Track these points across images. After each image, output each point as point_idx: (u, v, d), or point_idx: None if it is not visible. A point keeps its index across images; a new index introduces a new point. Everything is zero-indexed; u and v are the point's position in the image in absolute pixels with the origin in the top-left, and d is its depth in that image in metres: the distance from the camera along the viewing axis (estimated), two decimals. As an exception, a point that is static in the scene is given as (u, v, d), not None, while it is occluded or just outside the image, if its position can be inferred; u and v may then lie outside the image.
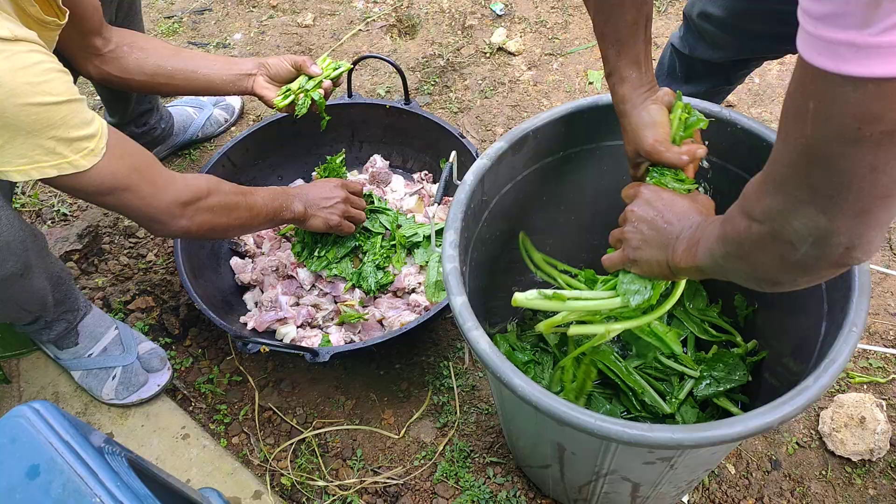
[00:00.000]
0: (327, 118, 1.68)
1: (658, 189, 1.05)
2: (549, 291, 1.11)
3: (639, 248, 1.01)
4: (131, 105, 1.86)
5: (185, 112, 2.08)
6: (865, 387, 1.60)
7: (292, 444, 1.59)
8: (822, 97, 0.59)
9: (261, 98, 1.61)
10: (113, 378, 1.58)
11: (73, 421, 0.92)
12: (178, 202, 1.27)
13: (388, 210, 1.79)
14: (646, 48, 1.09)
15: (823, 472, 1.51)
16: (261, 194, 1.46)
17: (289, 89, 1.59)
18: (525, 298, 1.11)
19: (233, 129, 2.18)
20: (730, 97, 2.06)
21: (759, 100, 2.17)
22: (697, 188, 1.08)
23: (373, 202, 1.79)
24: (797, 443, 1.54)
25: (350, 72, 1.84)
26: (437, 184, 1.88)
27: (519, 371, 0.98)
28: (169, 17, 2.51)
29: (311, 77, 1.60)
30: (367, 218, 1.75)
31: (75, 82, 1.53)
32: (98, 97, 2.14)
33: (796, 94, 0.64)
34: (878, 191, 0.63)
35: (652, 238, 1.00)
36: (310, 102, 1.60)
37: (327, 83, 1.61)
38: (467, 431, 1.60)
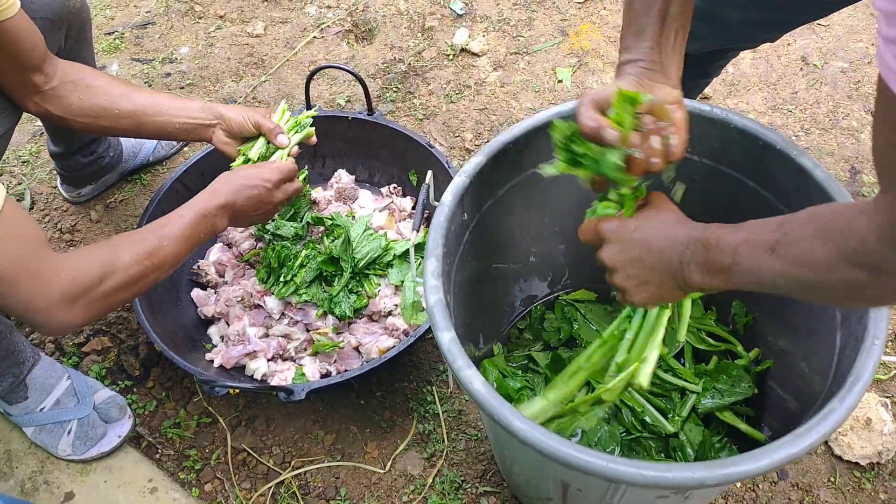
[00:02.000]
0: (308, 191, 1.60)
1: (616, 223, 0.95)
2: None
3: (641, 291, 0.93)
4: (77, 134, 1.72)
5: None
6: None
7: (270, 487, 1.48)
8: None
9: (222, 153, 1.49)
10: (69, 433, 1.45)
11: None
12: (64, 299, 1.06)
13: (339, 224, 1.70)
14: (657, 23, 0.97)
15: (832, 479, 1.44)
16: (172, 241, 1.23)
17: (248, 158, 1.46)
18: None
19: (186, 150, 2.05)
20: (705, 89, 2.00)
21: (735, 90, 2.11)
22: (635, 191, 0.97)
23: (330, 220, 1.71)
24: (802, 449, 1.48)
25: (307, 84, 1.74)
26: (411, 198, 1.79)
27: (518, 412, 0.90)
28: (109, 34, 2.36)
29: (274, 144, 1.48)
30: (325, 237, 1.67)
31: (19, 118, 1.40)
32: (40, 123, 2.00)
33: None
34: None
35: (651, 277, 0.91)
36: None
37: (294, 150, 1.49)
38: (457, 460, 1.51)
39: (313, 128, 1.57)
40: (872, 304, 0.74)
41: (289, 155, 1.49)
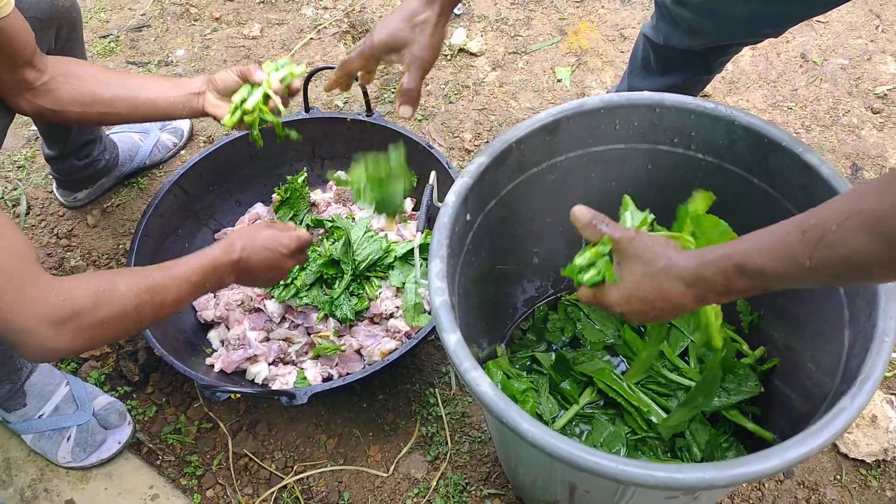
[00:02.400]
0: (285, 132, 1.51)
1: (612, 295, 0.92)
2: None
3: (657, 318, 0.91)
4: (71, 136, 1.70)
5: (131, 139, 1.93)
6: (873, 383, 1.54)
7: (273, 492, 1.47)
8: None
9: (214, 117, 1.45)
10: (68, 439, 1.44)
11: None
12: (50, 320, 0.99)
13: (339, 227, 1.68)
14: None
15: (838, 477, 1.43)
16: (177, 284, 1.16)
17: (235, 105, 1.40)
18: None
19: (183, 153, 2.04)
20: (705, 87, 1.99)
21: (735, 88, 2.10)
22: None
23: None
24: (808, 448, 1.47)
25: (305, 85, 1.72)
26: (412, 199, 1.77)
27: (526, 414, 0.88)
28: (104, 37, 2.35)
29: (255, 84, 1.41)
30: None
31: (11, 120, 1.39)
32: (35, 128, 1.98)
33: None
34: None
35: (668, 315, 0.89)
36: (258, 122, 1.44)
37: (276, 85, 1.42)
38: (461, 462, 1.49)
39: (299, 68, 1.48)
40: None
41: (272, 90, 1.42)
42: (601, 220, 0.93)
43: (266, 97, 1.40)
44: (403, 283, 1.60)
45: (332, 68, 1.66)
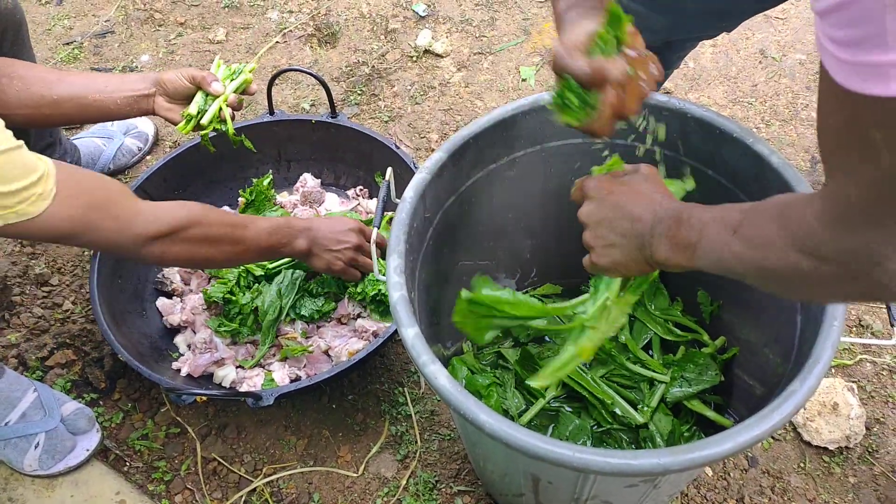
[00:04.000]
0: (239, 139, 1.52)
1: (604, 179, 0.93)
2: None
3: (606, 254, 0.92)
4: (30, 141, 1.67)
5: (93, 144, 1.91)
6: (834, 370, 1.56)
7: (242, 495, 1.46)
8: (890, 123, 0.53)
9: (166, 120, 1.46)
10: (35, 447, 1.42)
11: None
12: (146, 236, 1.18)
13: None
14: None
15: (801, 465, 1.46)
16: (257, 228, 1.34)
17: (190, 116, 1.42)
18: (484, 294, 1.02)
19: (148, 157, 2.02)
20: (666, 84, 2.02)
21: (696, 84, 2.13)
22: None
23: None
24: (772, 436, 1.49)
25: (269, 87, 1.72)
26: (376, 201, 1.78)
27: (484, 406, 0.89)
28: (68, 44, 2.33)
29: (210, 94, 1.44)
30: None
31: None
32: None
33: (850, 128, 0.57)
34: None
35: (618, 241, 0.90)
36: (212, 131, 1.44)
37: (232, 98, 1.45)
38: (430, 461, 1.50)
39: (251, 74, 1.51)
40: (819, 297, 0.74)
41: (227, 104, 1.45)
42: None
43: (220, 106, 1.42)
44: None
45: (298, 70, 1.68)
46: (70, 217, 1.08)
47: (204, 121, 1.41)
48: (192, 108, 1.41)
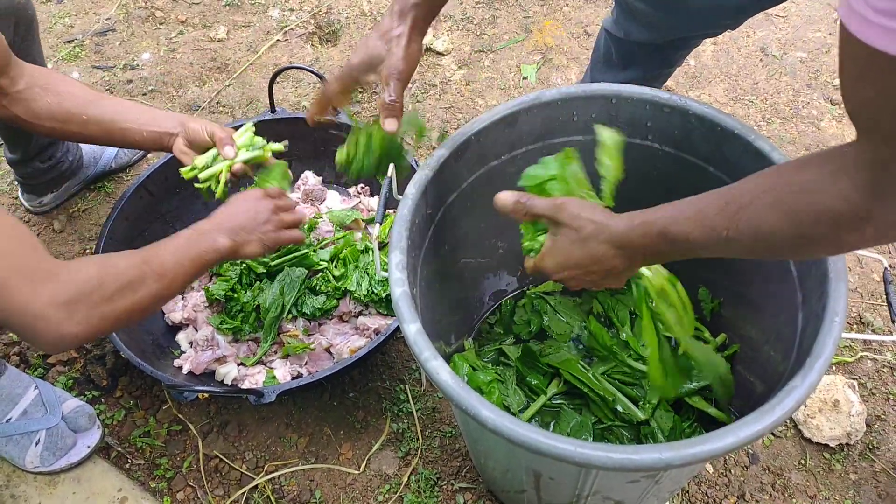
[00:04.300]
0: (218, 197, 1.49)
1: (558, 265, 0.97)
2: None
3: (598, 281, 0.95)
4: (33, 139, 1.69)
5: (95, 142, 1.91)
6: (834, 367, 1.57)
7: (244, 493, 1.46)
8: None
9: (178, 159, 1.46)
10: (36, 444, 1.42)
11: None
12: (62, 302, 0.98)
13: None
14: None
15: (802, 462, 1.46)
16: (168, 250, 1.18)
17: (194, 165, 1.42)
18: None
19: (150, 156, 2.03)
20: (668, 82, 2.02)
21: (697, 83, 2.13)
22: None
23: None
24: (772, 433, 1.49)
25: (271, 85, 1.72)
26: (378, 199, 1.78)
27: (485, 401, 0.89)
28: (69, 41, 2.33)
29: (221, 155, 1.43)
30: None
31: None
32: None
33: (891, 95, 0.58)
34: None
35: (599, 272, 0.94)
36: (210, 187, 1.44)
37: (238, 167, 1.43)
38: (432, 458, 1.50)
39: (270, 153, 1.50)
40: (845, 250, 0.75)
41: (230, 170, 1.43)
42: (525, 199, 0.97)
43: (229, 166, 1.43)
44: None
45: (299, 68, 1.68)
46: None
47: (202, 176, 1.42)
48: (200, 161, 1.42)
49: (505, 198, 0.99)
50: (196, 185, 1.43)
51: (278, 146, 1.51)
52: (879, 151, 0.64)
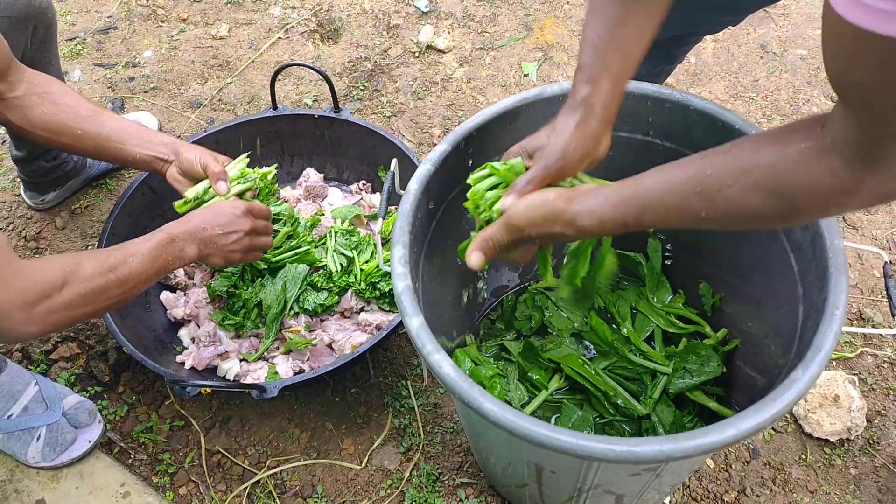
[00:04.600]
0: None
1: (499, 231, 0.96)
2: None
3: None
4: (39, 139, 1.70)
5: (98, 140, 1.92)
6: (835, 363, 1.57)
7: (246, 487, 1.47)
8: None
9: (172, 187, 1.46)
10: (38, 439, 1.43)
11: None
12: (22, 302, 1.02)
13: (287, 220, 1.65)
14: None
15: (803, 457, 1.46)
16: (138, 258, 1.20)
17: (187, 200, 1.43)
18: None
19: (151, 153, 2.03)
20: (668, 79, 2.02)
21: (698, 80, 2.14)
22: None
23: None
24: (773, 428, 1.50)
25: (273, 83, 1.73)
26: (380, 195, 1.78)
27: (488, 394, 0.90)
28: (71, 39, 2.34)
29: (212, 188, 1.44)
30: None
31: None
32: (3, 131, 1.97)
33: (883, 75, 0.58)
34: None
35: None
36: None
37: (231, 199, 1.44)
38: (433, 453, 1.50)
39: (261, 183, 1.52)
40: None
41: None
42: (485, 241, 0.96)
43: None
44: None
45: (300, 65, 1.69)
46: None
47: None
48: (190, 194, 1.43)
49: (475, 258, 0.96)
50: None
51: (269, 169, 1.52)
52: (870, 129, 0.64)
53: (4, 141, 2.03)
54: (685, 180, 0.80)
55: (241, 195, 1.46)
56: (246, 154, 1.53)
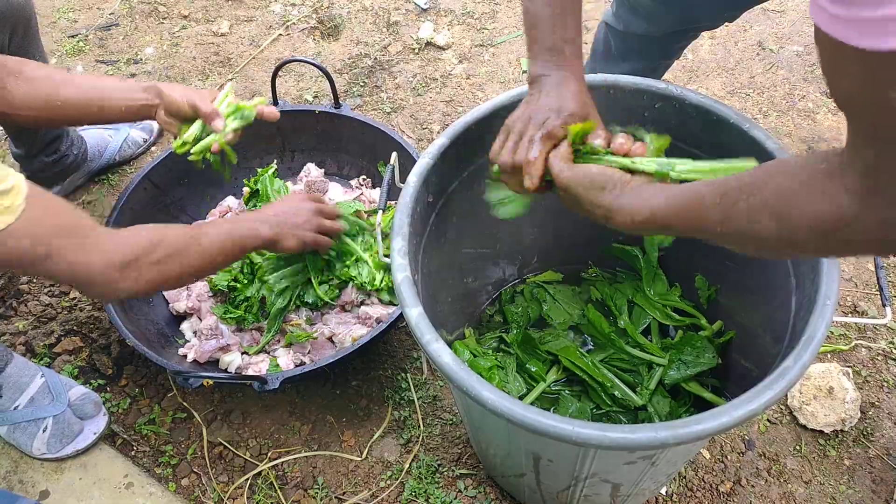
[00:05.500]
0: (221, 169, 1.53)
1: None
2: None
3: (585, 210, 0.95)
4: (38, 133, 1.71)
5: (100, 135, 1.93)
6: (829, 356, 1.59)
7: (248, 479, 1.49)
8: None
9: (165, 130, 1.46)
10: (44, 430, 1.45)
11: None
12: (114, 265, 1.09)
13: None
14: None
15: (798, 448, 1.48)
16: (213, 230, 1.27)
17: (184, 141, 1.43)
18: None
19: (154, 148, 2.05)
20: (665, 75, 2.04)
21: (695, 76, 2.15)
22: None
23: None
24: (768, 420, 1.52)
25: (273, 79, 1.75)
26: (380, 188, 1.80)
27: (486, 383, 0.91)
28: (73, 36, 2.35)
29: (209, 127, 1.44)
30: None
31: None
32: (1, 128, 1.99)
33: (866, 90, 0.55)
34: None
35: (591, 210, 0.93)
36: (204, 158, 1.45)
37: (229, 136, 1.45)
38: (433, 445, 1.52)
39: (259, 103, 1.51)
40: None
41: (223, 140, 1.45)
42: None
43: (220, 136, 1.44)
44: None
45: (301, 61, 1.70)
46: (35, 237, 1.00)
47: (195, 149, 1.43)
48: (189, 135, 1.43)
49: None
50: (189, 158, 1.45)
51: (259, 100, 1.52)
52: (864, 152, 0.61)
53: (6, 138, 2.05)
54: (712, 191, 0.79)
55: (237, 130, 1.46)
56: (229, 85, 1.52)
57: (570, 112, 0.99)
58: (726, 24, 1.53)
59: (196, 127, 1.43)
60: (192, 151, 1.43)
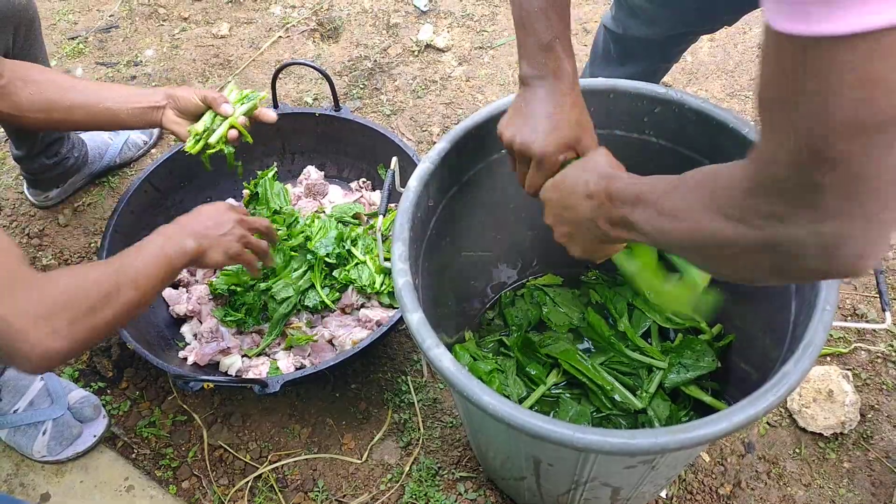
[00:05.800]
0: (235, 165, 1.51)
1: (547, 183, 1.01)
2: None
3: (572, 245, 0.98)
4: (39, 135, 1.71)
5: (100, 138, 1.94)
6: (829, 359, 1.59)
7: (248, 482, 1.49)
8: (815, 73, 0.48)
9: (172, 133, 1.46)
10: (44, 433, 1.45)
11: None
12: (44, 316, 0.94)
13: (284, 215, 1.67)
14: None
15: (797, 451, 1.48)
16: (139, 258, 1.14)
17: (197, 133, 1.43)
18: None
19: (154, 151, 2.05)
20: (665, 77, 2.04)
21: (694, 78, 2.16)
22: None
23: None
24: (768, 423, 1.52)
25: (273, 82, 1.75)
26: (381, 192, 1.80)
27: (487, 388, 0.92)
28: (73, 38, 2.35)
29: (219, 115, 1.44)
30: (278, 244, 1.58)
31: None
32: (1, 129, 1.99)
33: (778, 78, 0.52)
34: None
35: (572, 230, 0.95)
36: (215, 154, 1.45)
37: (241, 120, 1.44)
38: (433, 447, 1.52)
39: (262, 98, 1.51)
40: (744, 272, 0.69)
41: (234, 126, 1.44)
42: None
43: (229, 126, 1.44)
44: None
45: (301, 63, 1.70)
46: None
47: (212, 140, 1.43)
48: (199, 126, 1.42)
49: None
50: (203, 155, 1.44)
51: (263, 94, 1.52)
52: (764, 142, 0.58)
53: (6, 139, 2.05)
54: (654, 182, 0.79)
55: (247, 114, 1.46)
56: (232, 79, 1.53)
57: (564, 142, 1.00)
58: (725, 26, 1.53)
59: (206, 118, 1.44)
60: (208, 143, 1.43)
